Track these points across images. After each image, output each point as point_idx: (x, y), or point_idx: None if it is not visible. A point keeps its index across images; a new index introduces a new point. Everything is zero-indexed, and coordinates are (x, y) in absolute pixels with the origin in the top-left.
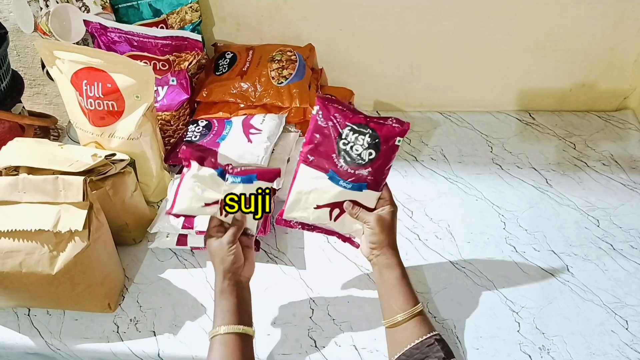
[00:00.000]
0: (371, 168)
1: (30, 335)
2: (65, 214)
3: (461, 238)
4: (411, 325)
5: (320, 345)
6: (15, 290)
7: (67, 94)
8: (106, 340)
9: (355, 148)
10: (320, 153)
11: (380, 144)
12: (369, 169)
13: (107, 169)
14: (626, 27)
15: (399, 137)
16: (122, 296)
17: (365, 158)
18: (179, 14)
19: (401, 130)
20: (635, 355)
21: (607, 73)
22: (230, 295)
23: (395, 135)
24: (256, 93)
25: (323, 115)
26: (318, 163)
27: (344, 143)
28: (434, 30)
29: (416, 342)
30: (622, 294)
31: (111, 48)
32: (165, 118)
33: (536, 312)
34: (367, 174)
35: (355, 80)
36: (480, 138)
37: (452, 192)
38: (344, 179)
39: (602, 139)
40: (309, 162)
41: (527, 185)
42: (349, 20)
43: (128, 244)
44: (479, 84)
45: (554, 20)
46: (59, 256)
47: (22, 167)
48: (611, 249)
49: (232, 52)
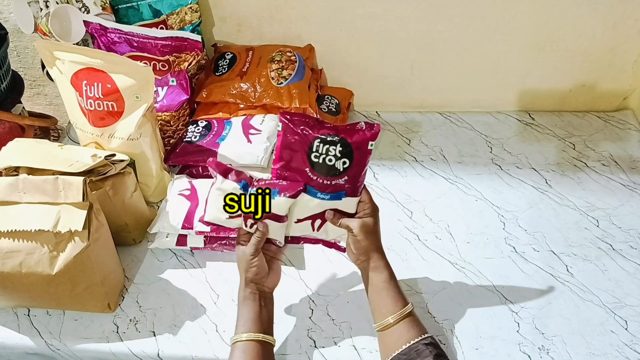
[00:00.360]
0: (347, 176)
1: (30, 336)
2: (65, 214)
3: (461, 238)
4: (400, 328)
5: (320, 345)
6: (15, 291)
7: (67, 95)
8: (106, 341)
9: (328, 159)
10: (293, 169)
11: (353, 152)
12: (345, 178)
13: (107, 170)
14: (626, 28)
15: (371, 141)
16: (122, 296)
17: (340, 167)
18: (178, 14)
19: (372, 134)
20: (634, 355)
21: (607, 73)
22: (252, 303)
23: (366, 140)
24: (256, 93)
25: (288, 131)
26: (292, 179)
27: (316, 156)
28: (434, 31)
29: (404, 348)
30: (622, 294)
31: (111, 49)
32: (165, 118)
33: (536, 312)
34: (343, 183)
35: (355, 80)
36: (480, 138)
37: (452, 192)
38: (321, 191)
39: (602, 140)
40: (285, 179)
41: (527, 185)
42: (349, 20)
43: (128, 244)
44: (478, 84)
45: (554, 21)
46: (59, 256)
47: (22, 168)
48: (611, 249)
49: (232, 52)
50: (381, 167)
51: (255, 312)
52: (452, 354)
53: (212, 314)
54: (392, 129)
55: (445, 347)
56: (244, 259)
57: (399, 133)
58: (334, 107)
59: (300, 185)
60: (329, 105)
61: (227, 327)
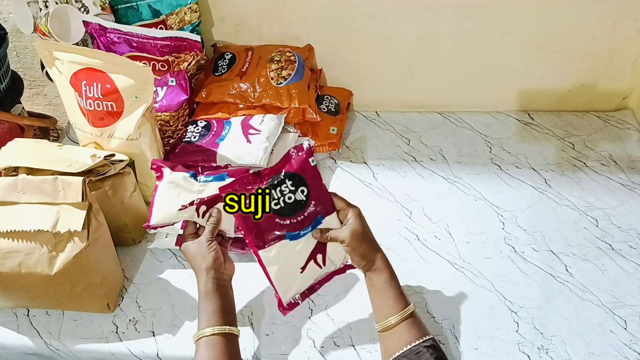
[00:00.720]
0: (314, 201)
1: (30, 336)
2: (64, 215)
3: (460, 238)
4: (401, 329)
5: (319, 345)
6: (14, 291)
7: (67, 95)
8: (105, 341)
9: (287, 197)
10: (265, 230)
11: (303, 178)
12: (313, 202)
13: (106, 170)
14: (625, 28)
15: (310, 158)
16: (121, 296)
17: (302, 198)
18: (178, 14)
19: (307, 152)
20: (633, 355)
21: (606, 73)
22: (214, 295)
23: (306, 160)
24: (255, 93)
25: (237, 201)
26: (271, 238)
27: (275, 203)
28: (434, 31)
29: (404, 350)
30: (621, 294)
31: (110, 49)
32: (164, 119)
33: (535, 312)
34: (314, 208)
35: (354, 80)
36: (479, 138)
37: (451, 192)
38: (301, 230)
39: (601, 139)
40: (264, 246)
41: (526, 185)
42: (349, 20)
43: (127, 245)
44: (478, 84)
45: (554, 21)
46: (58, 256)
47: (22, 168)
48: (610, 249)
49: (231, 52)
50: (380, 167)
51: (218, 304)
52: (451, 354)
53: None
54: (392, 128)
55: (445, 347)
56: (199, 249)
57: (398, 133)
58: (334, 107)
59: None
60: (328, 105)
61: None
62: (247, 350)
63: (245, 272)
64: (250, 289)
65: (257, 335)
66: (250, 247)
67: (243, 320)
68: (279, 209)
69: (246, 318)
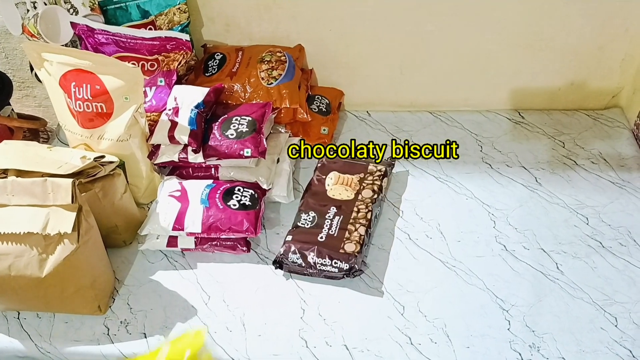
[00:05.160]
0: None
1: (20, 339)
2: (54, 217)
3: (451, 237)
4: None
5: (311, 345)
6: (4, 294)
7: (56, 96)
8: (96, 343)
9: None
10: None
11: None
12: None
13: (96, 171)
14: (614, 27)
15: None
16: (113, 298)
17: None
18: (167, 15)
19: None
20: (624, 352)
21: (595, 72)
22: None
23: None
24: (246, 94)
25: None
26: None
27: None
28: (424, 30)
29: None
30: (611, 291)
31: (98, 50)
32: (154, 119)
33: (526, 310)
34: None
35: (345, 80)
36: (470, 137)
37: (442, 191)
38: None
39: (591, 138)
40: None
41: (517, 184)
42: (339, 20)
43: (118, 246)
44: (468, 83)
45: (543, 19)
46: (48, 259)
47: (11, 170)
48: (600, 246)
49: (222, 53)
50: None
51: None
52: (443, 353)
53: (203, 315)
54: (383, 128)
55: (437, 346)
56: None
57: (390, 132)
58: (325, 107)
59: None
60: (319, 105)
61: (218, 328)
62: (239, 350)
63: (237, 273)
64: (242, 289)
65: (249, 336)
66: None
67: (235, 321)
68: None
69: (238, 319)
